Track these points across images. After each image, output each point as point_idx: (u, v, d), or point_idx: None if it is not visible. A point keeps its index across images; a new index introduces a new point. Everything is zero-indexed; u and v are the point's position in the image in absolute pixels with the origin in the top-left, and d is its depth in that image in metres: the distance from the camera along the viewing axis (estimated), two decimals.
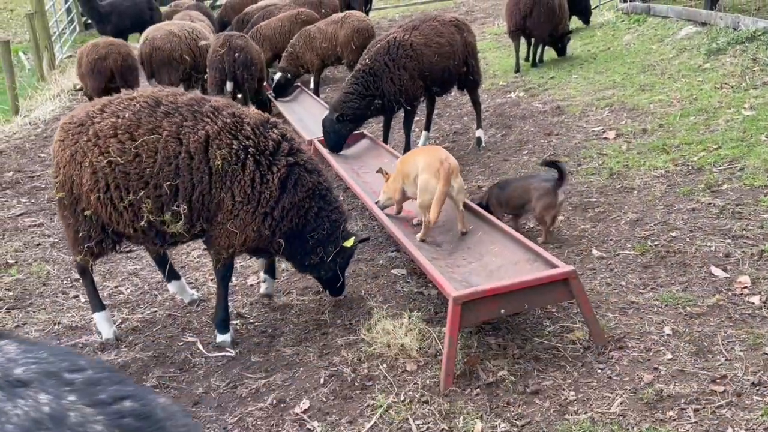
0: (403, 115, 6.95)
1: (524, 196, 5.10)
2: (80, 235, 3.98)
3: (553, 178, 4.95)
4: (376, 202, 5.13)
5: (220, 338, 4.28)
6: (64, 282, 5.36)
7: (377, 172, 5.61)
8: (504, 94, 9.52)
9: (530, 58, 10.92)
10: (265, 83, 10.95)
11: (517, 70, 10.60)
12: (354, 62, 10.54)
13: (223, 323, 4.27)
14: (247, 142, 3.84)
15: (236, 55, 9.41)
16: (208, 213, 3.85)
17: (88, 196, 3.86)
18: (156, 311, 4.85)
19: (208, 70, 9.92)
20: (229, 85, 9.81)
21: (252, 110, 4.10)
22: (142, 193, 3.74)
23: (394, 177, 4.99)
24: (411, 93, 6.61)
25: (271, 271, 4.83)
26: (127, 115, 3.82)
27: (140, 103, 3.87)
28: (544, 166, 5.20)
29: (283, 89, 9.82)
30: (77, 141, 3.86)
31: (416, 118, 7.57)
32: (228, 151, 3.76)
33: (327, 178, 4.30)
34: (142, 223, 3.83)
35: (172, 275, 4.77)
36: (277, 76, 9.81)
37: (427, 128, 7.76)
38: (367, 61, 6.50)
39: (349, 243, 4.31)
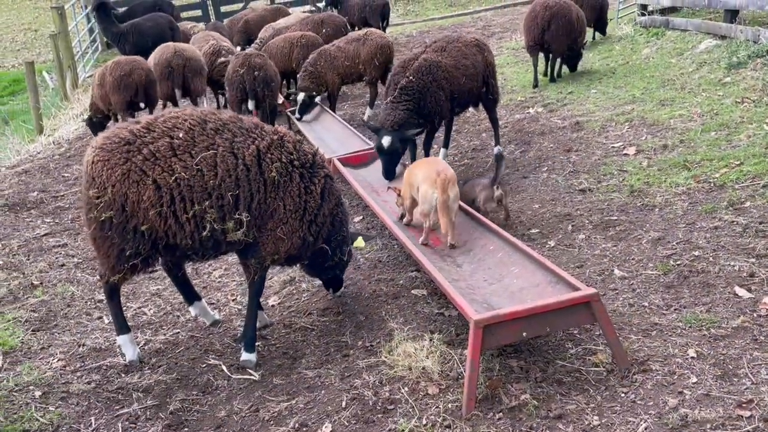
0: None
1: (471, 193, 5.84)
2: (128, 252, 4.01)
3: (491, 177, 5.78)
4: (401, 219, 5.45)
5: (246, 357, 4.37)
6: (88, 303, 5.43)
7: (388, 189, 5.86)
8: (522, 110, 9.53)
9: (548, 73, 10.93)
10: (283, 100, 11.08)
11: (536, 86, 10.60)
12: (376, 79, 10.63)
13: (251, 342, 4.40)
14: (291, 156, 4.25)
15: (255, 73, 9.55)
16: (261, 221, 4.17)
17: (146, 212, 3.94)
18: (179, 332, 4.90)
19: (227, 89, 10.07)
20: (250, 104, 9.95)
21: (281, 128, 4.41)
22: (206, 203, 3.97)
23: (404, 188, 5.35)
24: (444, 112, 6.65)
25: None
26: (181, 135, 4.02)
27: (188, 122, 4.08)
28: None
29: (307, 109, 9.90)
30: (129, 160, 3.93)
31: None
32: (280, 164, 4.16)
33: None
34: (205, 232, 4.02)
35: (194, 296, 4.81)
36: (301, 96, 9.87)
37: (446, 145, 7.79)
38: (411, 78, 6.38)
39: (360, 244, 4.81)
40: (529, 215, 6.06)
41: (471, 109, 7.61)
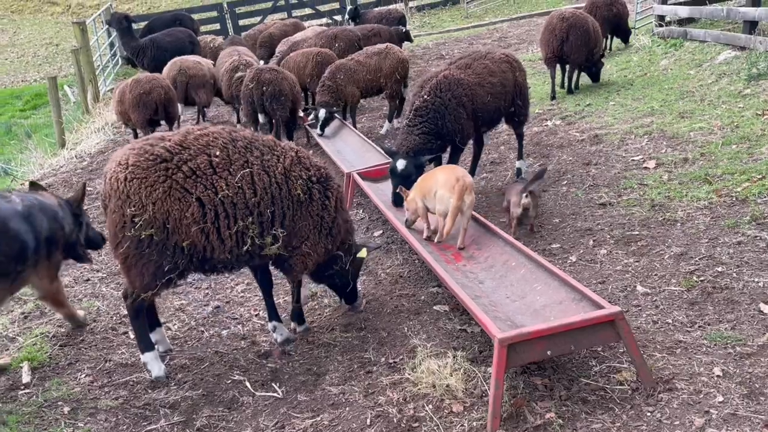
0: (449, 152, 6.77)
1: (507, 194, 6.26)
2: (166, 268, 4.10)
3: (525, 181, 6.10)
4: (406, 222, 5.62)
5: (301, 327, 4.95)
6: (114, 318, 5.50)
7: (396, 191, 5.99)
8: (540, 123, 9.54)
9: (566, 85, 10.93)
10: (302, 115, 11.17)
11: (553, 98, 10.61)
12: (396, 92, 10.69)
13: (300, 317, 4.94)
14: (310, 173, 4.47)
15: (264, 88, 9.68)
16: (288, 239, 4.38)
17: (189, 229, 4.06)
18: (204, 348, 4.95)
19: (242, 103, 10.22)
20: (261, 117, 10.08)
21: (292, 144, 4.61)
22: (249, 219, 4.16)
23: (413, 194, 5.50)
24: (466, 132, 6.48)
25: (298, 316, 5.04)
26: (218, 153, 4.16)
27: (220, 139, 4.22)
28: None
29: (328, 123, 9.98)
30: (169, 177, 4.02)
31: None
32: (302, 182, 4.39)
33: None
34: (246, 247, 4.21)
35: (156, 322, 4.81)
36: (322, 112, 9.96)
37: (472, 173, 7.55)
38: (426, 97, 6.26)
39: (363, 254, 4.93)
40: (549, 229, 6.06)
41: None
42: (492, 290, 4.62)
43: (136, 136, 11.06)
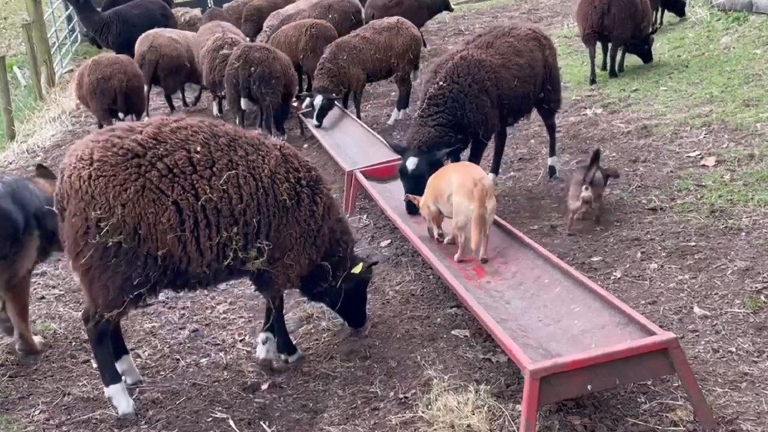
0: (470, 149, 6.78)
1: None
2: (135, 281, 4.13)
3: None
4: (429, 231, 5.75)
5: (293, 358, 4.96)
6: (73, 343, 5.53)
7: (405, 199, 6.06)
8: (578, 111, 9.55)
9: (608, 66, 10.95)
10: (295, 103, 11.22)
11: (593, 81, 10.63)
12: (408, 75, 10.74)
13: (289, 345, 4.96)
14: (298, 175, 4.52)
15: (252, 69, 9.71)
16: (271, 251, 4.42)
17: (164, 236, 4.09)
18: (179, 379, 4.98)
19: (225, 85, 10.27)
20: (243, 103, 10.11)
21: (276, 140, 4.68)
22: (234, 230, 4.22)
23: (426, 197, 5.59)
24: (491, 123, 6.47)
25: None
26: (198, 149, 4.20)
27: (201, 134, 4.27)
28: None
29: (326, 113, 9.90)
30: (142, 175, 4.06)
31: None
32: (288, 185, 4.44)
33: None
34: (227, 261, 4.25)
35: (122, 349, 4.83)
36: (319, 99, 9.84)
37: (495, 169, 7.59)
38: (442, 83, 6.25)
39: (357, 269, 4.95)
40: (589, 240, 6.08)
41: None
42: (521, 312, 4.63)
43: (101, 127, 11.12)
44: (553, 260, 4.90)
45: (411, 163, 6.07)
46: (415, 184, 6.01)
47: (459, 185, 5.23)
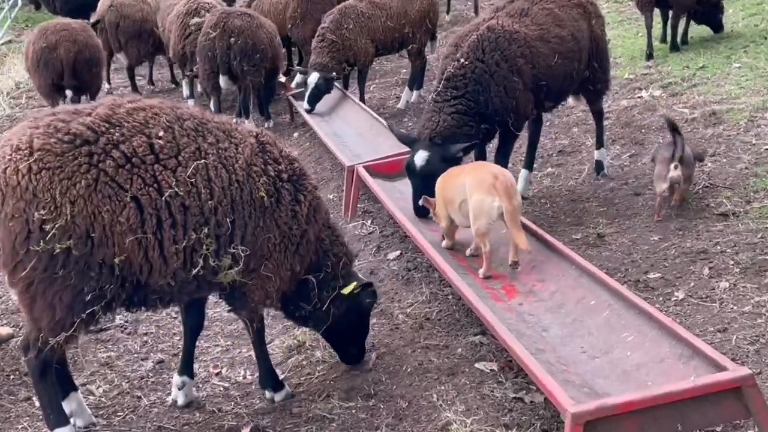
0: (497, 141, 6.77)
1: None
2: (88, 297, 4.12)
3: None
4: (443, 243, 5.85)
5: (279, 395, 5.01)
6: (11, 377, 5.55)
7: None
8: (632, 93, 9.54)
9: (669, 38, 10.93)
10: (283, 78, 11.24)
11: (650, 57, 10.61)
12: (423, 48, 10.74)
13: (274, 380, 5.02)
14: (278, 167, 4.59)
15: (231, 40, 9.73)
16: (248, 258, 4.45)
17: (122, 239, 4.10)
18: (141, 421, 4.99)
19: (198, 59, 10.30)
20: (222, 80, 10.13)
21: (250, 126, 4.58)
22: (204, 231, 4.23)
23: (438, 203, 5.72)
24: (522, 109, 6.45)
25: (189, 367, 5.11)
26: (161, 134, 4.23)
27: (162, 116, 4.31)
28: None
29: (321, 95, 9.89)
30: (93, 167, 4.05)
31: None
32: (267, 180, 4.50)
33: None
34: (196, 270, 4.26)
35: (70, 385, 4.83)
36: (314, 77, 9.81)
37: (529, 166, 7.57)
38: (463, 60, 6.24)
39: (347, 290, 4.97)
40: (645, 251, 6.07)
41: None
42: (561, 341, 4.62)
43: None
44: (600, 277, 4.89)
45: (420, 158, 6.07)
46: (424, 183, 6.03)
47: (475, 184, 5.28)
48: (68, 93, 10.57)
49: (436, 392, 4.82)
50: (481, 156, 6.71)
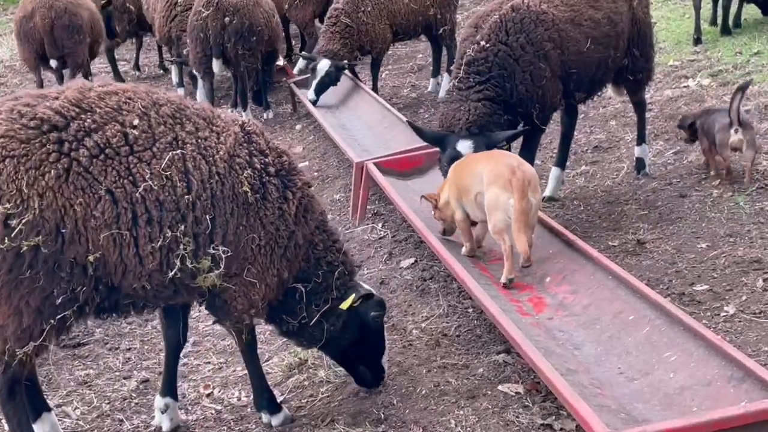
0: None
1: (710, 131, 6.87)
2: (59, 300, 4.11)
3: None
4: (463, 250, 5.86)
5: (276, 420, 5.01)
6: None
7: (421, 199, 6.18)
8: (677, 82, 9.52)
9: (719, 21, 10.89)
10: (284, 64, 11.26)
11: (698, 41, 10.59)
12: (455, 30, 10.70)
13: (270, 400, 5.03)
14: (265, 160, 4.60)
15: (226, 19, 9.76)
16: (230, 260, 4.46)
17: (96, 235, 4.11)
18: None
19: (188, 41, 10.34)
20: (215, 65, 10.16)
21: (232, 114, 4.81)
22: (181, 228, 4.24)
23: (448, 195, 5.73)
24: (549, 99, 6.45)
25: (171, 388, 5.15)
26: (136, 122, 4.24)
27: (137, 101, 4.32)
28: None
29: (328, 86, 9.86)
30: (64, 155, 4.05)
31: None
32: (252, 173, 4.51)
33: None
34: (172, 272, 4.27)
35: (42, 405, 4.83)
36: (324, 65, 9.77)
37: (562, 163, 7.57)
38: (484, 43, 6.25)
39: (346, 304, 4.95)
40: (691, 260, 6.05)
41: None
42: (596, 361, 4.61)
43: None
44: (640, 289, 4.88)
45: (466, 146, 6.00)
46: None
47: (491, 176, 5.34)
48: (53, 63, 10.83)
49: (454, 418, 4.81)
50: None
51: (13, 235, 3.97)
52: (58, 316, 4.13)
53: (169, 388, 5.05)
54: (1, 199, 3.97)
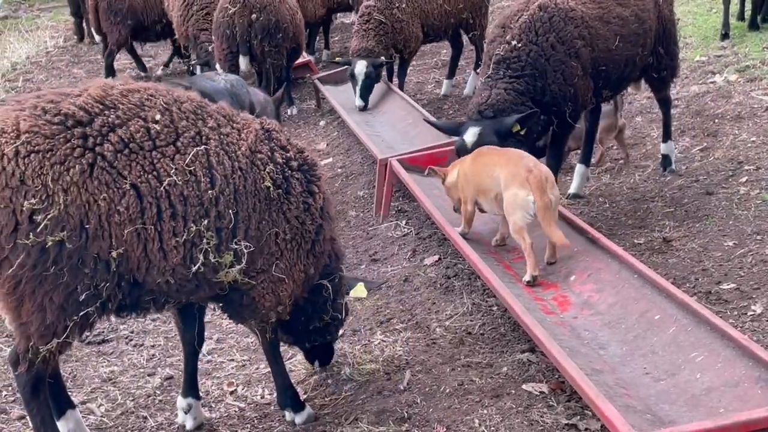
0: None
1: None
2: (82, 296, 4.14)
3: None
4: (462, 234, 6.01)
5: (301, 417, 5.05)
6: (4, 393, 5.61)
7: (426, 174, 6.36)
8: (703, 78, 9.46)
9: (748, 15, 10.80)
10: (307, 57, 11.29)
11: (726, 36, 10.51)
12: (480, 38, 10.68)
13: (293, 398, 5.06)
14: (287, 155, 4.67)
15: (253, 16, 9.77)
16: (253, 256, 4.53)
17: (120, 230, 4.14)
18: None
19: (214, 38, 10.37)
20: (242, 62, 10.18)
21: (248, 116, 4.84)
22: (204, 223, 4.28)
23: (462, 190, 5.90)
24: (581, 97, 6.45)
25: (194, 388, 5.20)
26: (158, 118, 4.28)
27: (159, 98, 4.37)
28: None
29: (372, 85, 9.71)
30: (90, 149, 4.09)
31: None
32: (274, 168, 4.57)
33: None
34: (196, 267, 4.30)
35: (66, 402, 4.84)
36: (361, 66, 9.64)
37: (586, 160, 7.54)
38: (515, 43, 6.28)
39: (361, 293, 5.33)
40: (717, 259, 6.01)
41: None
42: (621, 360, 4.59)
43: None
44: (665, 288, 4.85)
45: (471, 134, 6.07)
46: None
47: (509, 178, 5.41)
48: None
49: (478, 417, 4.79)
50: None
51: (38, 230, 3.98)
52: (81, 313, 4.14)
53: (191, 389, 5.07)
54: (27, 194, 3.98)
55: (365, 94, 9.66)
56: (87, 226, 4.06)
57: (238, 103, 7.10)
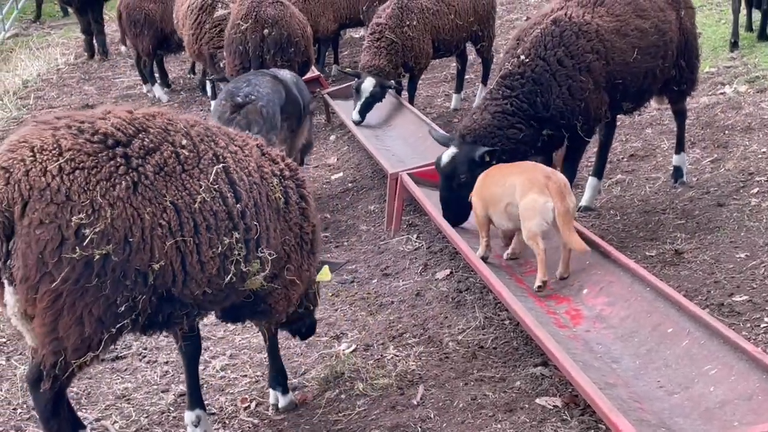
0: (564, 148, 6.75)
1: None
2: (121, 308, 4.18)
3: None
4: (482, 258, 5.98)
5: (284, 401, 5.41)
6: (18, 411, 5.63)
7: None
8: (713, 89, 9.46)
9: (759, 25, 10.77)
10: (319, 75, 11.33)
11: (735, 46, 10.51)
12: (488, 49, 10.72)
13: (284, 383, 5.44)
14: (279, 167, 4.95)
15: (266, 31, 9.80)
16: (274, 261, 4.73)
17: (162, 243, 4.23)
18: None
19: (225, 53, 10.41)
20: None
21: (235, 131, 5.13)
22: (235, 235, 4.46)
23: (475, 204, 5.94)
24: (593, 112, 6.41)
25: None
26: (184, 142, 4.43)
27: (178, 123, 4.53)
28: None
29: (374, 104, 9.72)
30: (133, 169, 4.19)
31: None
32: (277, 181, 4.84)
33: None
34: (228, 276, 4.47)
35: (76, 422, 4.81)
36: (369, 84, 9.62)
37: (598, 173, 7.47)
38: (524, 58, 6.27)
39: (325, 276, 5.38)
40: (729, 271, 6.00)
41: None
42: (634, 374, 4.59)
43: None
44: (678, 301, 4.85)
45: (445, 155, 6.27)
46: (448, 185, 6.28)
47: (527, 184, 5.45)
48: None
49: (492, 431, 4.81)
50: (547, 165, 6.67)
51: (84, 244, 4.03)
52: (118, 325, 4.20)
53: (196, 400, 5.07)
54: (73, 209, 4.03)
55: (365, 110, 9.62)
56: (131, 240, 4.14)
57: (302, 94, 8.16)
